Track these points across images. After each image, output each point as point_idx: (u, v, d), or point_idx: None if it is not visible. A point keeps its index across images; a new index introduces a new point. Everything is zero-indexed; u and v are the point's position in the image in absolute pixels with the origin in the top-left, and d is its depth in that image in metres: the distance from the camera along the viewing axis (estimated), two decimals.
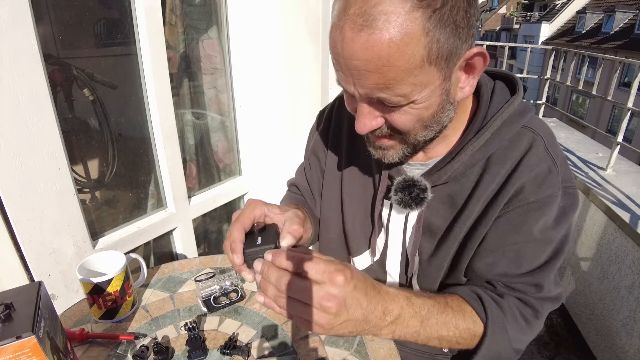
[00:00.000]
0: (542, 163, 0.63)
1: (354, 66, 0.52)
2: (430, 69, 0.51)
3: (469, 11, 0.51)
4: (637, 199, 1.96)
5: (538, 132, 0.65)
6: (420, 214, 0.71)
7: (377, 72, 0.51)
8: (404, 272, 0.79)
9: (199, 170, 1.53)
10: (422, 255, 0.74)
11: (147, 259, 1.40)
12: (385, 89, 0.52)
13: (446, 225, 0.70)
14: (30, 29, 0.82)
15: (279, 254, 0.53)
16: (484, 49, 0.54)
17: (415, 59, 0.50)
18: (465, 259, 0.69)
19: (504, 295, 0.68)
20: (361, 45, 0.49)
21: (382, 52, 0.49)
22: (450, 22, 0.49)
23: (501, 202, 0.64)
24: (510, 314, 0.67)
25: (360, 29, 0.48)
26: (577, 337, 2.10)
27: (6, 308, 0.53)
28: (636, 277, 1.68)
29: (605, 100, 2.67)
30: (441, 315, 0.61)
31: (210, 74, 1.45)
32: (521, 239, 0.65)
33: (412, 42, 0.48)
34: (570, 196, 0.66)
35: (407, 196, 0.68)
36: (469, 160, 0.65)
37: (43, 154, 0.90)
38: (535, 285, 0.68)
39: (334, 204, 0.85)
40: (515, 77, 0.68)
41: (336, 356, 0.74)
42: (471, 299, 0.66)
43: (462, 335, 0.64)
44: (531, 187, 0.63)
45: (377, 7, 0.47)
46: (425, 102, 0.55)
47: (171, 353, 0.73)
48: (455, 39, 0.51)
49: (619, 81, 13.78)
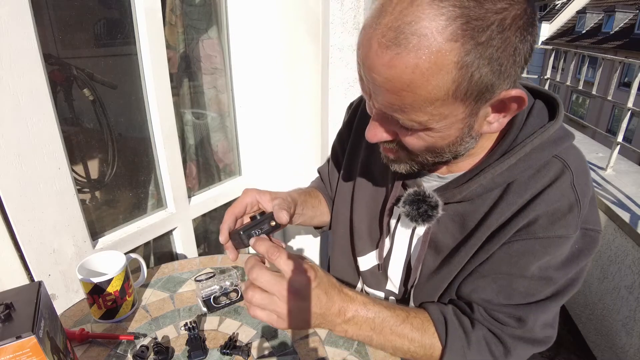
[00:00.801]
0: (564, 199, 0.57)
1: (373, 79, 0.48)
2: (455, 104, 0.47)
3: (520, 49, 0.45)
4: (637, 199, 1.96)
5: (569, 165, 0.59)
6: (428, 229, 0.68)
7: (395, 94, 0.47)
8: (404, 283, 0.78)
9: (199, 170, 1.52)
10: (425, 270, 0.72)
11: (147, 259, 1.40)
12: (400, 112, 0.49)
13: (453, 245, 0.67)
14: (30, 29, 0.82)
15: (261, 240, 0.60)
16: (523, 94, 0.48)
17: (439, 91, 0.45)
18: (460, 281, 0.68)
19: (476, 324, 0.66)
20: (385, 62, 0.45)
21: (405, 76, 0.44)
22: (494, 60, 0.44)
23: (510, 231, 0.60)
24: (475, 345, 0.64)
25: (387, 45, 0.44)
26: (577, 337, 2.10)
27: (6, 308, 0.53)
28: (636, 277, 1.68)
29: (605, 100, 2.67)
30: (397, 327, 0.64)
31: (210, 74, 1.45)
32: (515, 271, 0.61)
33: (440, 73, 0.44)
34: (589, 239, 0.61)
35: (415, 211, 0.65)
36: (488, 183, 0.61)
37: (43, 154, 0.90)
38: (517, 319, 0.63)
39: (346, 201, 0.84)
40: (558, 100, 0.62)
41: (336, 356, 0.74)
42: (437, 322, 0.66)
43: (417, 352, 0.65)
44: (544, 222, 0.58)
45: (411, 26, 0.42)
46: (443, 133, 0.51)
47: (171, 353, 0.73)
48: (494, 78, 0.45)
49: (619, 81, 13.77)
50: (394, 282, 0.80)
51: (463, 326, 0.66)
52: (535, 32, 0.46)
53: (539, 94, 0.65)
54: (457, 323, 0.66)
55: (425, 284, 0.72)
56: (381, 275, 0.82)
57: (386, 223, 0.76)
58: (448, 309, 0.68)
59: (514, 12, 0.43)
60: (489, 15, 0.42)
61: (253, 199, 0.69)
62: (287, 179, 1.58)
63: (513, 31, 0.43)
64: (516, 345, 0.65)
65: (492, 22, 0.42)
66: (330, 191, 0.94)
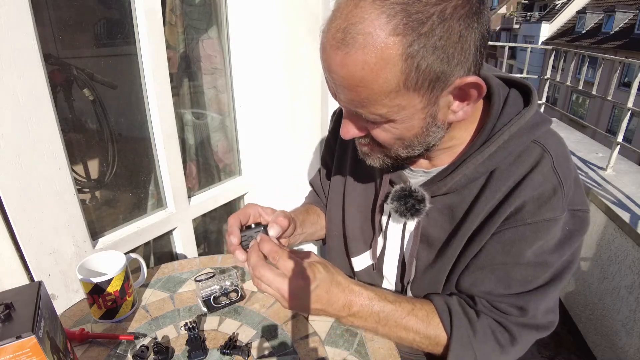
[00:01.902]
0: (547, 183, 0.59)
1: (333, 79, 0.52)
2: (409, 94, 0.50)
3: (466, 37, 0.47)
4: (637, 199, 1.96)
5: (548, 150, 0.61)
6: (418, 223, 0.70)
7: (352, 90, 0.50)
8: (400, 280, 0.79)
9: (199, 170, 1.52)
10: (419, 265, 0.73)
11: (147, 259, 1.40)
12: (360, 106, 0.52)
13: (445, 236, 0.69)
14: (30, 29, 0.82)
15: (265, 239, 0.65)
16: (479, 80, 0.51)
17: (390, 84, 0.48)
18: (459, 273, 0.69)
19: (481, 314, 0.67)
20: (338, 62, 0.49)
21: (356, 73, 0.48)
22: (439, 48, 0.46)
23: (498, 220, 0.62)
24: (481, 334, 0.66)
25: (337, 46, 0.48)
26: (577, 337, 2.10)
27: (6, 308, 0.53)
28: (636, 277, 1.68)
29: (605, 100, 2.67)
30: (402, 320, 0.67)
31: (210, 74, 1.45)
32: (510, 260, 0.63)
33: (387, 66, 0.47)
34: (579, 220, 0.62)
35: (403, 206, 0.67)
36: (471, 173, 0.63)
37: (43, 154, 0.90)
38: (519, 308, 0.65)
39: (337, 204, 0.86)
40: (532, 87, 0.64)
41: (336, 356, 0.74)
42: (442, 312, 0.68)
43: (422, 342, 0.68)
44: (531, 208, 0.60)
45: (357, 26, 0.46)
46: (406, 123, 0.54)
47: (171, 353, 0.73)
48: (443, 65, 0.48)
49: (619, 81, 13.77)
50: (389, 280, 0.81)
51: (468, 316, 0.67)
52: (483, 20, 0.48)
53: (513, 84, 0.67)
54: (461, 312, 0.67)
55: (423, 279, 0.74)
56: (376, 275, 0.83)
57: (378, 221, 0.77)
58: (452, 300, 0.69)
59: (454, 2, 0.46)
60: (428, 7, 0.45)
61: (255, 211, 0.73)
62: (287, 179, 1.58)
63: (455, 20, 0.46)
64: (521, 332, 0.67)
65: (432, 14, 0.45)
66: (325, 200, 0.95)
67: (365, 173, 0.80)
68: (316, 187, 1.00)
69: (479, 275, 0.66)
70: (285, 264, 0.61)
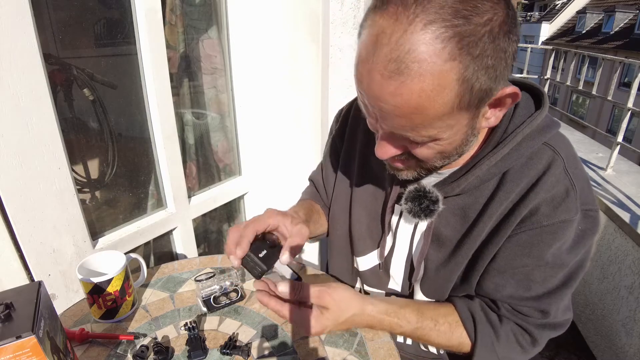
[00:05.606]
0: (560, 185, 0.60)
1: (380, 107, 0.50)
2: (460, 113, 0.50)
3: (509, 51, 0.47)
4: (637, 199, 1.96)
5: (559, 152, 0.62)
6: (430, 223, 0.70)
7: (405, 117, 0.49)
8: (407, 278, 0.79)
9: (199, 170, 1.52)
10: (429, 264, 0.74)
11: (147, 258, 1.40)
12: (411, 130, 0.52)
13: (457, 237, 0.69)
14: (30, 29, 0.82)
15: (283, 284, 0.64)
16: (517, 90, 0.51)
17: (446, 107, 0.48)
18: (476, 275, 0.69)
19: (503, 319, 0.69)
20: (391, 91, 0.47)
21: (412, 101, 0.47)
22: (490, 67, 0.46)
23: (514, 222, 0.62)
24: (504, 339, 0.68)
25: (390, 76, 0.46)
26: (577, 337, 2.10)
27: (6, 308, 0.53)
28: (636, 277, 1.68)
29: (605, 100, 2.67)
30: (424, 336, 0.69)
31: (210, 74, 1.45)
32: (531, 262, 0.64)
33: (444, 91, 0.46)
34: (591, 219, 0.63)
35: (417, 207, 0.67)
36: (484, 175, 0.63)
37: (43, 154, 0.90)
38: (541, 311, 0.67)
39: (344, 204, 0.86)
40: (542, 90, 0.65)
41: (336, 356, 0.74)
42: (466, 320, 0.69)
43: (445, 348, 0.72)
44: (546, 210, 0.60)
45: (410, 54, 0.44)
46: (450, 139, 0.54)
47: (171, 353, 0.73)
48: (491, 83, 0.48)
49: (619, 81, 13.78)
50: (396, 280, 0.81)
51: (491, 322, 0.69)
52: (517, 30, 0.48)
53: (523, 86, 0.67)
54: (485, 320, 0.69)
55: (435, 278, 0.74)
56: (383, 274, 0.83)
57: (388, 221, 0.77)
58: (475, 306, 0.70)
59: (499, 20, 0.45)
60: (479, 28, 0.44)
61: (275, 222, 0.68)
62: (287, 178, 1.58)
63: (501, 36, 0.46)
64: (542, 333, 0.68)
65: (482, 34, 0.44)
66: (327, 198, 0.95)
67: (374, 174, 0.79)
68: (317, 184, 0.99)
69: (500, 280, 0.67)
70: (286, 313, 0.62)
